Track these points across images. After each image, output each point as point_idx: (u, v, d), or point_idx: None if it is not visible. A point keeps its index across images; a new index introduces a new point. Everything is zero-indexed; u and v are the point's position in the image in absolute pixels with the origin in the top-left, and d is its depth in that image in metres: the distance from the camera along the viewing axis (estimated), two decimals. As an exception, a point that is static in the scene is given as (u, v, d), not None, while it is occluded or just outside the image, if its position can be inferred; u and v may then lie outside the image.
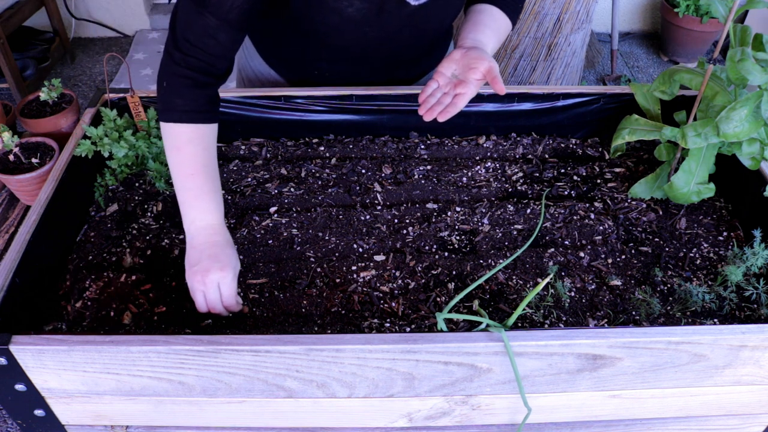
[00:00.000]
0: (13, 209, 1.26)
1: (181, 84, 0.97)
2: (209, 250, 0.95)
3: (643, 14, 3.75)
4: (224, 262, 0.94)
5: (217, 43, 0.96)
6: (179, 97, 0.97)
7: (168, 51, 0.97)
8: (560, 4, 2.49)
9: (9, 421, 1.78)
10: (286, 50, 1.24)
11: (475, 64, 1.00)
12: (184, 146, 0.97)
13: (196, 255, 0.95)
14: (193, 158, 0.97)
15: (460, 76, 1.03)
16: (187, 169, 0.97)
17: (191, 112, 0.97)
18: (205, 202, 0.97)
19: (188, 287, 0.95)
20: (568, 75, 2.79)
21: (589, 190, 1.23)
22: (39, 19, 3.31)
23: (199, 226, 0.97)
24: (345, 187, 1.22)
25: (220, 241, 0.97)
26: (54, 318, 0.98)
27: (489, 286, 1.02)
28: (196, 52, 0.96)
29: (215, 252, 0.95)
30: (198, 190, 0.97)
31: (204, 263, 0.93)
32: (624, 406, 0.94)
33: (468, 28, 1.11)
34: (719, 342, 0.83)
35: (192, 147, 0.97)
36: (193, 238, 0.97)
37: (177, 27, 0.96)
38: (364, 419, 0.95)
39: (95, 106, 1.24)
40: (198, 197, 0.97)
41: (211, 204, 0.98)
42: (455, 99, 1.02)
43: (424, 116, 1.04)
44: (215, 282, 0.93)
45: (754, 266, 1.00)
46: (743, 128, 0.97)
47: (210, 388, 0.87)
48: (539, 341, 0.81)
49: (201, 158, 0.98)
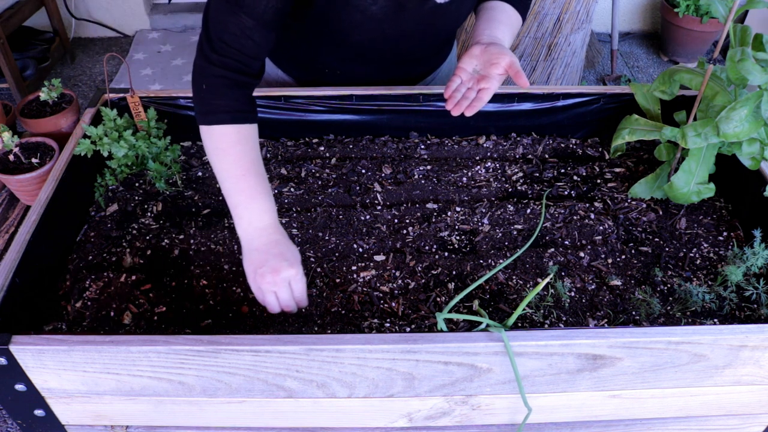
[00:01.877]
0: (13, 209, 1.26)
1: (221, 84, 0.95)
2: (274, 249, 0.93)
3: (643, 14, 3.75)
4: (292, 260, 0.93)
5: (253, 43, 0.95)
6: (221, 98, 0.95)
7: (204, 53, 0.96)
8: (560, 4, 2.49)
9: (9, 421, 1.78)
10: (298, 49, 1.24)
11: (497, 59, 1.02)
12: (232, 148, 0.95)
13: (260, 257, 0.93)
14: (242, 159, 0.95)
15: (482, 72, 1.04)
16: (238, 170, 0.95)
17: (235, 112, 0.96)
18: (260, 202, 0.95)
19: (254, 290, 0.94)
20: (568, 75, 2.79)
21: (589, 190, 1.23)
22: (39, 19, 3.31)
23: (257, 227, 0.95)
24: (345, 187, 1.22)
25: (281, 239, 0.95)
26: (54, 318, 0.98)
27: (489, 286, 1.02)
28: (232, 53, 0.95)
29: (281, 250, 0.93)
30: (251, 191, 0.95)
31: (272, 263, 0.92)
32: (624, 406, 0.94)
33: (483, 24, 1.12)
34: (719, 342, 0.83)
35: (240, 147, 0.96)
36: (252, 240, 0.95)
37: (211, 29, 0.95)
38: (364, 419, 0.95)
39: (95, 106, 1.24)
40: (252, 198, 0.95)
41: (266, 203, 0.96)
42: (480, 93, 1.04)
43: (452, 111, 1.05)
44: (287, 280, 0.92)
45: (754, 266, 1.00)
46: (743, 128, 0.97)
47: (210, 388, 0.87)
48: (539, 341, 0.81)
49: (249, 158, 0.96)
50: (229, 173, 0.95)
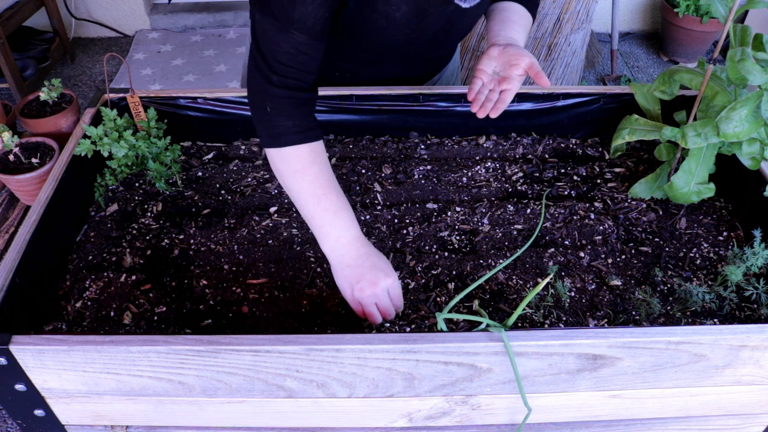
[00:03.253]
0: (13, 209, 1.26)
1: (287, 104, 0.95)
2: (367, 262, 0.93)
3: (643, 14, 3.75)
4: (387, 270, 0.93)
5: (309, 58, 0.95)
6: (289, 119, 0.95)
7: (263, 75, 0.94)
8: (560, 4, 2.49)
9: (9, 421, 1.78)
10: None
11: (516, 60, 1.02)
12: (308, 168, 0.95)
13: (355, 272, 0.92)
14: (320, 177, 0.95)
15: (502, 73, 1.05)
16: (318, 190, 0.94)
17: (305, 131, 0.95)
18: (344, 219, 0.95)
19: (353, 305, 0.94)
20: (568, 75, 2.79)
21: (589, 190, 1.23)
22: (39, 19, 3.31)
23: (345, 243, 0.94)
24: (345, 187, 1.22)
25: (371, 250, 0.95)
26: (54, 318, 0.98)
27: (489, 286, 1.02)
28: (291, 72, 0.94)
29: (374, 262, 0.93)
30: (335, 208, 0.94)
31: (368, 276, 0.91)
32: (624, 406, 0.94)
33: (498, 26, 1.13)
34: (719, 342, 0.83)
35: (317, 167, 0.95)
36: (342, 256, 0.94)
37: (264, 50, 0.94)
38: (364, 419, 0.95)
39: (95, 106, 1.24)
40: (337, 214, 0.94)
41: (350, 219, 0.95)
42: (502, 95, 1.05)
43: (477, 113, 1.06)
44: (385, 290, 0.92)
45: (754, 266, 1.00)
46: (743, 128, 0.97)
47: (210, 388, 0.87)
48: (539, 341, 0.81)
49: (326, 176, 0.96)
50: (309, 194, 0.94)
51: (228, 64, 3.39)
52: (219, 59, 3.44)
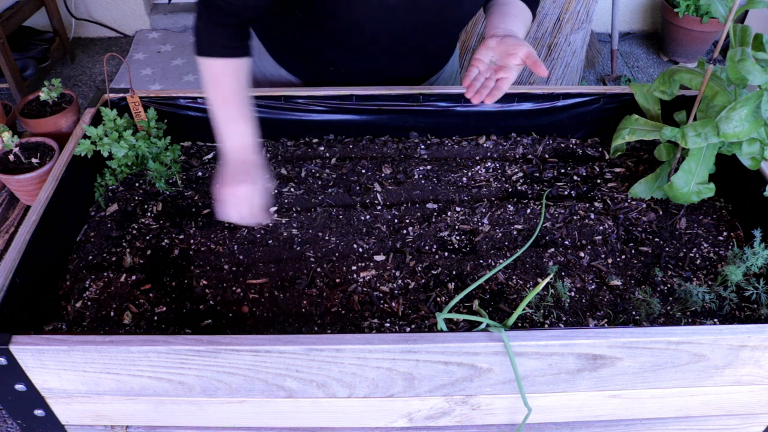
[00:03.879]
0: (13, 209, 1.26)
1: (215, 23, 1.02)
2: (241, 167, 1.02)
3: (643, 14, 3.75)
4: (256, 179, 1.01)
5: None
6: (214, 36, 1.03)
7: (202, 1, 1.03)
8: (560, 4, 2.49)
9: (9, 421, 1.78)
10: (304, 45, 1.24)
11: (513, 50, 1.04)
12: (220, 78, 1.04)
13: (230, 171, 1.02)
14: (228, 88, 1.04)
15: (499, 62, 1.06)
16: (221, 98, 1.04)
17: (226, 47, 1.03)
18: (238, 126, 1.03)
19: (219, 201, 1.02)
20: (568, 75, 2.79)
21: (589, 190, 1.23)
22: (39, 19, 3.31)
23: (232, 144, 1.04)
24: (345, 187, 1.22)
25: (250, 159, 1.03)
26: (54, 318, 0.98)
27: (489, 286, 1.02)
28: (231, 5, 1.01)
29: (246, 168, 1.02)
30: (231, 114, 1.04)
31: (236, 177, 1.00)
32: (624, 406, 0.94)
33: (497, 19, 1.14)
34: (719, 342, 0.83)
35: (228, 79, 1.04)
36: (227, 155, 1.04)
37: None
38: (364, 419, 0.95)
39: (95, 106, 1.24)
40: (232, 119, 1.03)
41: (243, 127, 1.04)
42: (498, 83, 1.06)
43: (472, 99, 1.08)
44: (245, 195, 1.00)
45: (754, 266, 1.00)
46: (743, 128, 0.97)
47: (210, 388, 0.87)
48: (539, 341, 0.81)
49: (234, 88, 1.04)
50: (213, 99, 1.04)
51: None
52: (219, 59, 3.43)
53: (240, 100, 1.05)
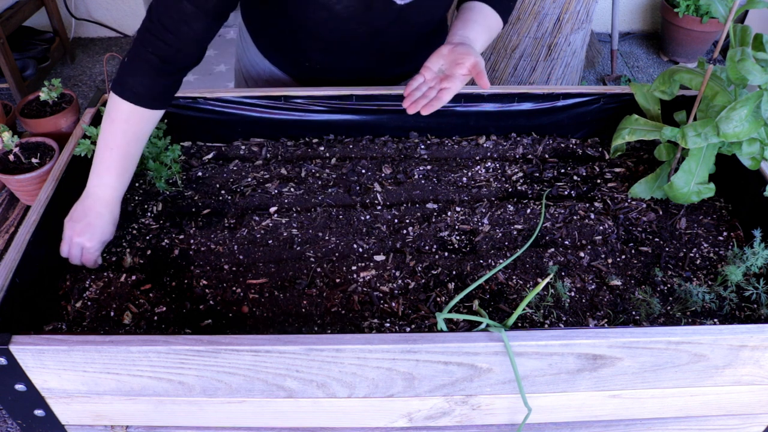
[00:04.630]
0: (13, 209, 1.26)
1: (143, 68, 0.99)
2: (91, 217, 1.02)
3: (643, 14, 3.75)
4: (95, 234, 1.01)
5: (190, 29, 0.97)
6: (135, 79, 1.00)
7: (140, 31, 1.00)
8: (560, 4, 2.49)
9: (9, 421, 1.78)
10: (279, 40, 1.25)
11: (462, 59, 1.02)
12: (118, 122, 1.01)
13: (80, 212, 1.02)
14: (120, 136, 1.02)
15: (447, 71, 1.04)
16: (110, 143, 1.02)
17: (142, 96, 1.00)
18: (110, 178, 1.03)
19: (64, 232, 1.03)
20: (568, 75, 2.79)
21: (589, 190, 1.23)
22: (39, 19, 3.31)
23: (96, 192, 1.03)
24: (345, 187, 1.22)
25: (104, 213, 1.03)
26: (54, 318, 0.98)
27: (489, 286, 1.02)
28: (167, 36, 0.97)
29: (94, 222, 1.02)
30: (109, 163, 1.02)
31: (80, 226, 1.01)
32: (624, 406, 0.94)
33: (458, 25, 1.13)
34: (719, 342, 0.83)
35: (125, 126, 1.01)
36: (87, 197, 1.04)
37: (153, 9, 0.98)
38: (364, 419, 0.95)
39: (95, 106, 1.24)
40: (107, 170, 1.03)
41: (116, 181, 1.03)
42: (440, 93, 1.03)
43: (408, 109, 1.05)
44: (80, 245, 1.01)
45: (754, 266, 1.00)
46: (743, 128, 0.97)
47: (210, 388, 0.87)
48: (539, 341, 0.81)
49: (126, 139, 1.02)
50: (104, 140, 1.02)
51: (228, 64, 3.39)
52: (219, 59, 3.44)
53: (126, 152, 1.03)
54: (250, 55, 1.36)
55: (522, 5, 2.48)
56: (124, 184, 1.05)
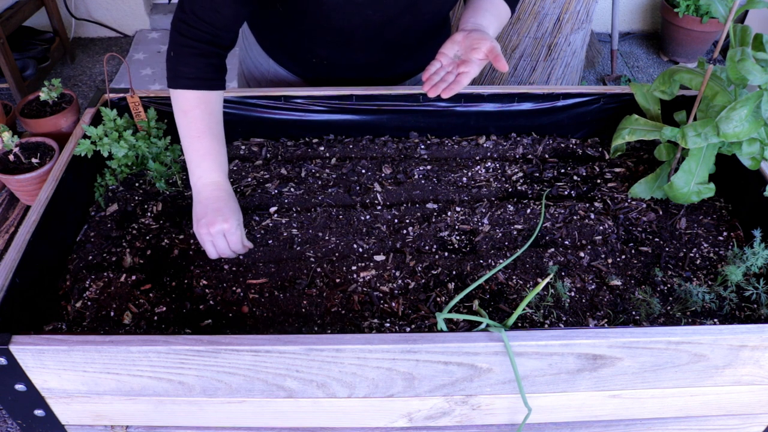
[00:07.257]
0: (13, 209, 1.26)
1: (187, 53, 1.03)
2: (213, 204, 1.02)
3: (643, 14, 3.75)
4: (227, 215, 1.02)
5: (221, 16, 1.02)
6: (185, 66, 1.04)
7: (175, 23, 1.03)
8: (560, 4, 2.49)
9: (9, 421, 1.78)
10: (285, 36, 1.25)
11: (478, 44, 1.04)
12: (191, 111, 1.04)
13: (201, 209, 1.03)
14: (200, 121, 1.04)
15: (463, 57, 1.06)
16: (194, 132, 1.04)
17: (196, 79, 1.04)
18: (209, 162, 1.04)
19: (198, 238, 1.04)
20: (568, 75, 2.79)
21: (589, 190, 1.23)
22: (39, 19, 3.31)
23: (204, 183, 1.04)
24: (345, 187, 1.22)
25: (221, 196, 1.04)
26: (54, 318, 0.98)
27: (489, 286, 1.02)
28: (201, 24, 1.01)
29: (219, 206, 1.02)
30: (203, 150, 1.04)
31: (209, 217, 1.01)
32: (624, 406, 0.94)
33: (469, 13, 1.14)
34: (719, 342, 0.83)
35: (198, 111, 1.04)
36: (198, 193, 1.05)
37: (185, 1, 1.02)
38: (364, 419, 0.95)
39: (95, 106, 1.24)
40: (203, 157, 1.04)
41: (214, 163, 1.05)
42: (458, 77, 1.05)
43: (428, 92, 1.07)
44: (221, 232, 1.01)
45: (754, 266, 1.00)
46: (743, 128, 0.97)
47: (210, 388, 0.87)
48: (539, 341, 0.81)
49: (206, 121, 1.05)
50: (186, 133, 1.05)
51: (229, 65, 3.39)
52: (219, 59, 3.43)
53: (211, 134, 1.05)
54: (253, 56, 1.36)
55: (522, 5, 2.49)
56: (224, 164, 1.07)
